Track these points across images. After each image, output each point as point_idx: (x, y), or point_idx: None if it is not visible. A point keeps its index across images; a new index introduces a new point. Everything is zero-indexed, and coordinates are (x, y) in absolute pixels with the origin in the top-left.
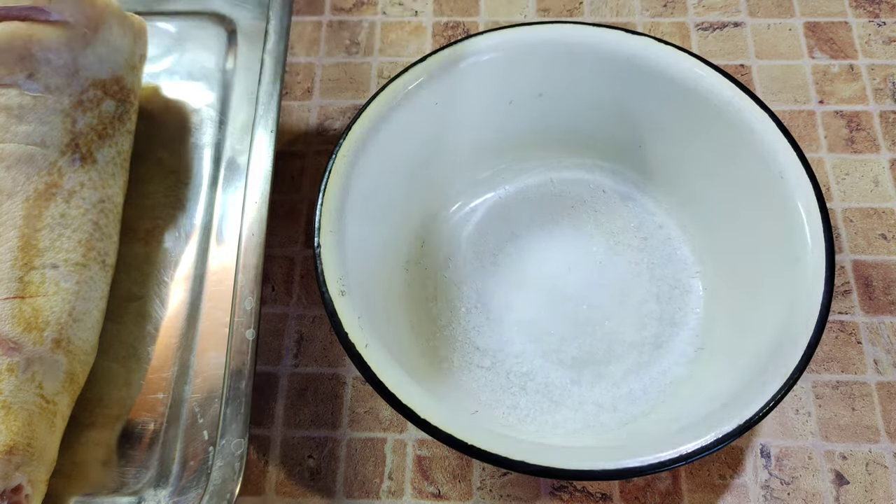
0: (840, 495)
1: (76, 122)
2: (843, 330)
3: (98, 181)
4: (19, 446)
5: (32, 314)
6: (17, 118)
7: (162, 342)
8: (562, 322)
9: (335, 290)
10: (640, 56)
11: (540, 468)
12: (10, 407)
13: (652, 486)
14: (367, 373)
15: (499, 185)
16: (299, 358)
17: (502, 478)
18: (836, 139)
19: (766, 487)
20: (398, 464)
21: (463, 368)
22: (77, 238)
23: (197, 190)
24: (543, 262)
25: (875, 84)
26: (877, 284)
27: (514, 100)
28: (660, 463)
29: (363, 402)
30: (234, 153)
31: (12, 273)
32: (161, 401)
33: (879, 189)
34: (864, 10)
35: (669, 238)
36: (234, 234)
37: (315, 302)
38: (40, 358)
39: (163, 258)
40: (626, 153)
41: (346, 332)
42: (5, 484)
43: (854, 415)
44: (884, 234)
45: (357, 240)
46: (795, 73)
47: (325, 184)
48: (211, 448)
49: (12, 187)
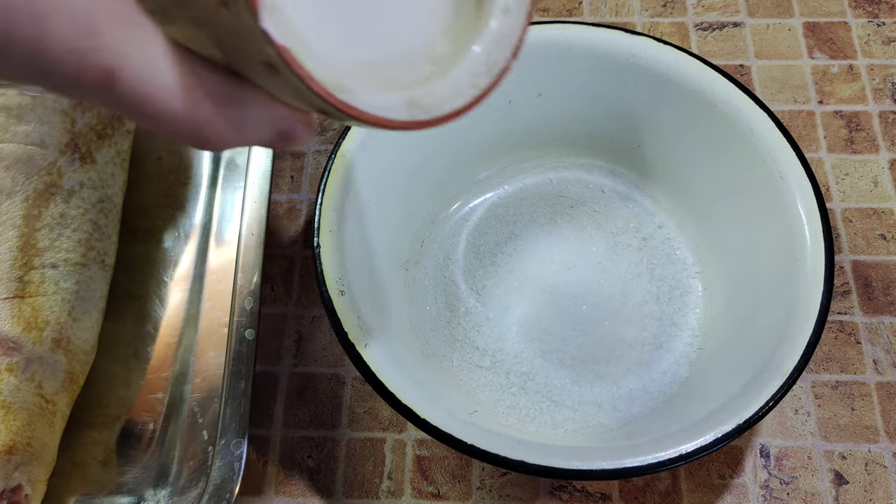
0: (839, 495)
1: (75, 122)
2: (843, 330)
3: (97, 181)
4: (19, 446)
5: (32, 314)
6: (16, 118)
7: (161, 342)
8: (561, 322)
9: (334, 290)
10: (639, 56)
11: (540, 468)
12: (9, 406)
13: (651, 485)
14: (367, 373)
15: (498, 185)
16: (299, 358)
17: (502, 478)
18: (836, 139)
19: (765, 487)
20: (398, 464)
21: (462, 368)
22: (76, 238)
23: (196, 190)
24: (543, 262)
25: (874, 84)
26: (876, 285)
27: (514, 100)
28: (659, 463)
29: (362, 401)
30: (234, 153)
31: (12, 273)
32: (160, 400)
33: (879, 189)
34: (863, 10)
35: (669, 238)
36: (233, 233)
37: (314, 302)
38: (40, 357)
39: (162, 258)
40: (625, 153)
41: (345, 332)
42: (5, 484)
43: (853, 415)
44: (883, 235)
45: (356, 239)
46: (795, 73)
47: (325, 183)
48: (210, 448)
49: (12, 187)
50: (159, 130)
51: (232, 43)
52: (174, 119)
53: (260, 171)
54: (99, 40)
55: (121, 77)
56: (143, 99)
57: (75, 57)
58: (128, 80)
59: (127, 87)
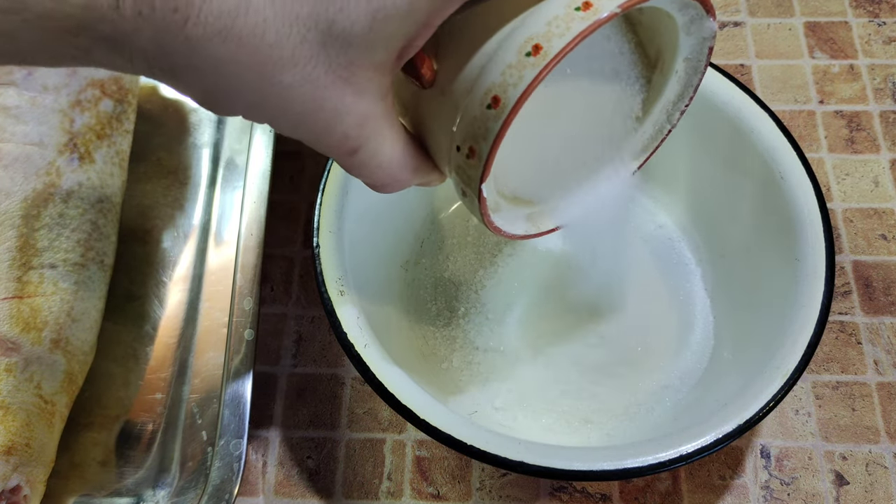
0: (840, 496)
1: (74, 122)
2: (843, 330)
3: (96, 181)
4: (18, 446)
5: (31, 314)
6: (14, 118)
7: (160, 342)
8: (561, 322)
9: (334, 290)
10: None
11: (539, 468)
12: (8, 407)
13: (652, 486)
14: (367, 373)
15: None
16: (298, 358)
17: (502, 478)
18: (837, 139)
19: (766, 488)
20: (397, 464)
21: (462, 368)
22: (75, 238)
23: (195, 190)
24: (543, 262)
25: (875, 84)
26: (877, 285)
27: None
28: (660, 463)
29: (362, 402)
30: (233, 153)
31: (10, 273)
32: (159, 401)
33: (880, 189)
34: (864, 9)
35: (669, 238)
36: (232, 234)
37: (314, 302)
38: (39, 358)
39: (161, 258)
40: None
41: (345, 332)
42: (4, 484)
43: (854, 415)
44: (884, 235)
45: (356, 240)
46: (795, 72)
47: (325, 184)
48: (209, 448)
49: (10, 187)
50: (365, 180)
51: (441, 133)
52: (379, 181)
53: (259, 172)
54: (362, 130)
55: (358, 153)
56: (368, 167)
57: (342, 138)
58: (361, 155)
59: (358, 158)
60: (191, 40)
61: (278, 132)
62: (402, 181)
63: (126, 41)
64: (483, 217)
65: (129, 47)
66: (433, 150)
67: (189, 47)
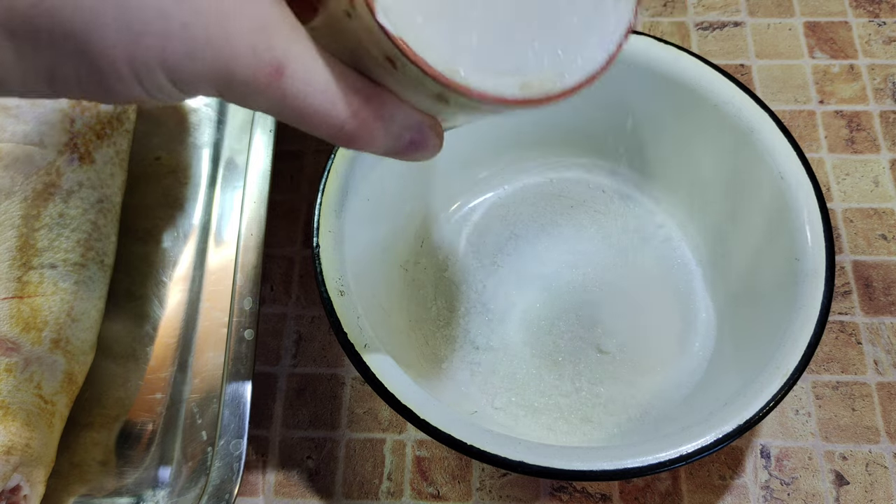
0: (840, 496)
1: (74, 122)
2: (843, 330)
3: (96, 181)
4: (17, 446)
5: (31, 314)
6: (14, 118)
7: (160, 342)
8: (561, 322)
9: (334, 290)
10: (639, 56)
11: (539, 468)
12: (8, 407)
13: (652, 486)
14: (367, 373)
15: (498, 185)
16: (298, 358)
17: (502, 478)
18: (837, 139)
19: (766, 488)
20: (397, 464)
21: (462, 368)
22: (75, 238)
23: (195, 190)
24: (543, 262)
25: (875, 84)
26: (877, 285)
27: None
28: (660, 463)
29: (362, 402)
30: (233, 153)
31: (10, 273)
32: (159, 401)
33: (880, 189)
34: (864, 9)
35: (669, 238)
36: (232, 233)
37: (314, 302)
38: (38, 358)
39: (161, 258)
40: (625, 153)
41: (345, 332)
42: (4, 484)
43: (854, 415)
44: (884, 235)
45: (356, 240)
46: (795, 72)
47: (324, 183)
48: (209, 448)
49: (10, 187)
50: (312, 125)
51: (359, 49)
52: (328, 112)
53: (259, 171)
54: (270, 38)
55: (286, 73)
56: (304, 94)
57: (252, 52)
58: (292, 77)
59: (290, 82)
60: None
61: (188, 85)
62: (361, 117)
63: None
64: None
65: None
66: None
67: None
